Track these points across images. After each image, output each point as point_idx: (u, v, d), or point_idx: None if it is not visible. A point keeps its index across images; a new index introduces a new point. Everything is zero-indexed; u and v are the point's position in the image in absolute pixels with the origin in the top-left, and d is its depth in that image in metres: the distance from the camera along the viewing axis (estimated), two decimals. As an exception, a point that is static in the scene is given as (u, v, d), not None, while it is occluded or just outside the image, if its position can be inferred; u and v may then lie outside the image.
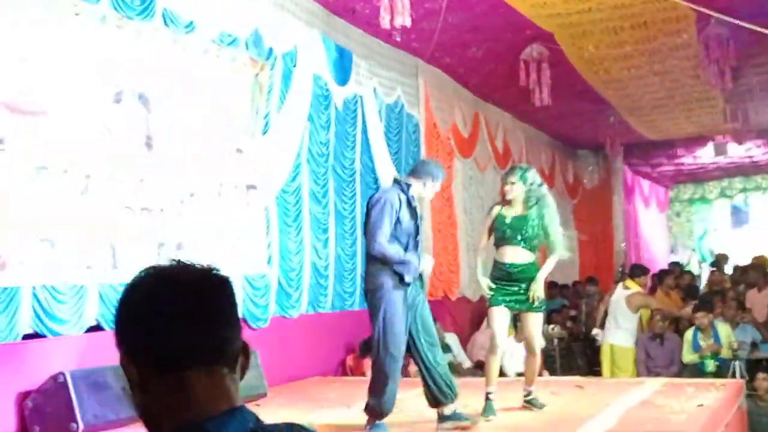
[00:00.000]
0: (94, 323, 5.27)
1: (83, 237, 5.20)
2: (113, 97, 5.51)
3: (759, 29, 7.38)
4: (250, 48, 6.67)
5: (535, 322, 5.45)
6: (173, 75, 6.02)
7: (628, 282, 8.82)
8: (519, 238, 5.30)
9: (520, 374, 8.34)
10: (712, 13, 7.53)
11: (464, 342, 9.72)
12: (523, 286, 5.28)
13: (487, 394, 5.18)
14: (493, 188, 11.67)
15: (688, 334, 8.44)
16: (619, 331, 8.65)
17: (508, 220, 5.35)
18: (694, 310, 8.77)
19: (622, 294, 8.68)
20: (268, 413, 5.56)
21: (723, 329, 8.40)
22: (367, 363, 7.28)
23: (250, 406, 4.59)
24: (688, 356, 8.33)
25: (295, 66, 7.19)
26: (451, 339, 9.15)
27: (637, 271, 9.27)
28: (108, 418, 4.88)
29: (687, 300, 10.00)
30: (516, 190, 5.38)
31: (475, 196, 11.04)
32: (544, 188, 5.54)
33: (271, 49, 6.90)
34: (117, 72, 5.52)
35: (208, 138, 6.39)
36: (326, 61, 7.67)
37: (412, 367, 7.81)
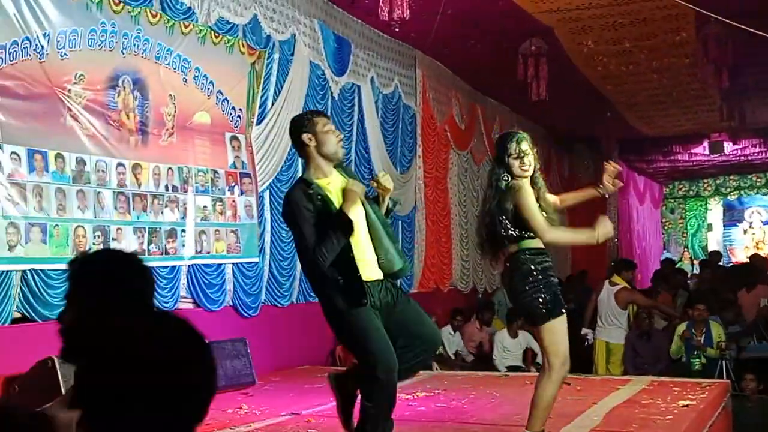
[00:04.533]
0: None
1: (75, 222, 5.20)
2: (108, 81, 5.50)
3: (756, 32, 7.38)
4: (248, 35, 6.66)
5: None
6: (170, 61, 6.01)
7: (615, 278, 8.81)
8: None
9: (510, 368, 8.40)
10: (709, 14, 7.52)
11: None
12: None
13: None
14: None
15: (681, 327, 8.43)
16: (611, 328, 8.65)
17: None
18: (689, 304, 8.76)
19: (609, 291, 8.69)
20: (257, 402, 5.54)
21: (715, 328, 8.42)
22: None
23: (238, 395, 4.59)
24: (675, 348, 8.33)
25: (292, 55, 7.18)
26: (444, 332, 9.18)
27: (623, 266, 9.23)
28: (96, 404, 4.88)
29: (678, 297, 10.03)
30: (534, 162, 4.06)
31: (470, 189, 11.06)
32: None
33: (269, 37, 6.89)
34: (113, 56, 5.50)
35: (204, 125, 6.38)
36: (324, 51, 7.65)
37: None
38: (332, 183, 3.80)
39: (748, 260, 13.74)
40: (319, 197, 3.69)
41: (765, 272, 11.61)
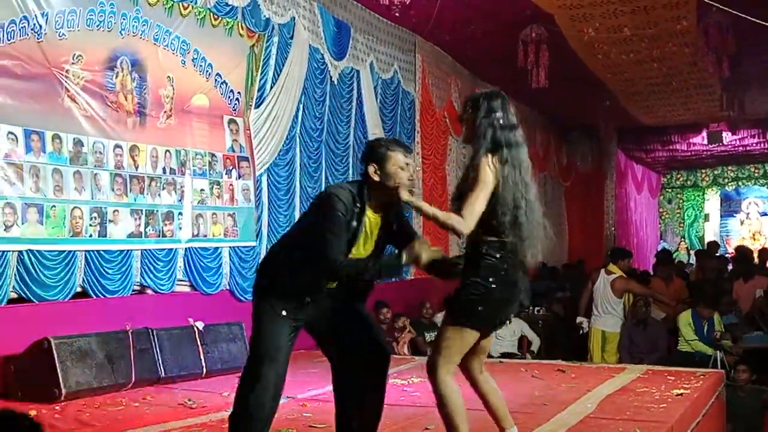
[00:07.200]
0: (79, 290, 5.28)
1: (72, 203, 5.19)
2: (107, 62, 5.47)
3: (757, 21, 7.35)
4: (247, 18, 6.62)
5: None
6: (169, 43, 5.97)
7: (611, 267, 8.82)
8: None
9: (505, 355, 8.40)
10: (711, 2, 7.49)
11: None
12: None
13: None
14: (486, 168, 11.66)
15: (687, 316, 8.38)
16: (607, 316, 8.66)
17: None
18: (691, 299, 8.75)
19: (605, 279, 8.70)
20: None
21: (716, 318, 8.43)
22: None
23: (234, 379, 4.52)
24: (691, 336, 8.25)
25: (291, 38, 7.14)
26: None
27: (619, 255, 9.23)
28: (90, 385, 4.90)
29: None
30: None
31: (467, 175, 11.02)
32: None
33: (268, 20, 6.85)
34: (111, 37, 5.47)
35: (202, 108, 6.36)
36: (323, 34, 7.62)
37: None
38: (374, 220, 3.47)
39: (734, 252, 13.73)
40: (360, 222, 3.39)
41: (764, 263, 11.63)
